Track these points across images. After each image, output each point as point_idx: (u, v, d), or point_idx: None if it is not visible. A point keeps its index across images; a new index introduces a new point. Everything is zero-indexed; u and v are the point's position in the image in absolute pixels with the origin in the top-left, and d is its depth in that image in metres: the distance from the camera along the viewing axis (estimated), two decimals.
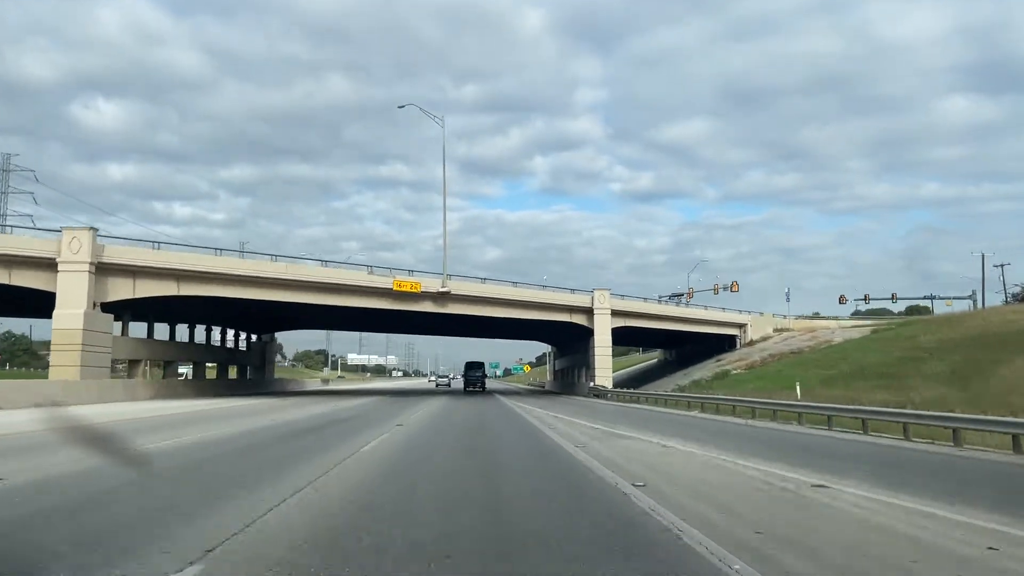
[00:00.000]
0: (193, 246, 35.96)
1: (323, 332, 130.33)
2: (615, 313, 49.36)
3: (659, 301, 63.32)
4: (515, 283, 46.60)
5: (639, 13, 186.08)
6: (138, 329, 39.13)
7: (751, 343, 60.12)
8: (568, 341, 63.44)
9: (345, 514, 6.58)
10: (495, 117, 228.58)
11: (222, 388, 45.95)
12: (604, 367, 48.63)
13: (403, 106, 45.81)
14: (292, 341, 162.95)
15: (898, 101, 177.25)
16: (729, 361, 54.99)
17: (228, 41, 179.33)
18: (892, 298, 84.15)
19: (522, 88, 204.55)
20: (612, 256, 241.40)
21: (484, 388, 61.08)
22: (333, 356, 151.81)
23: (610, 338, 48.86)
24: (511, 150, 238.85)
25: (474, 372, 62.19)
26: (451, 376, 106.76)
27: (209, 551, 4.94)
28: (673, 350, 79.01)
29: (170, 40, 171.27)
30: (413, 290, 41.26)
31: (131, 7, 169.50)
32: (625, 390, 44.48)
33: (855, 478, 9.17)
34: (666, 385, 51.44)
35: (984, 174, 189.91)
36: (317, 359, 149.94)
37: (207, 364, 49.64)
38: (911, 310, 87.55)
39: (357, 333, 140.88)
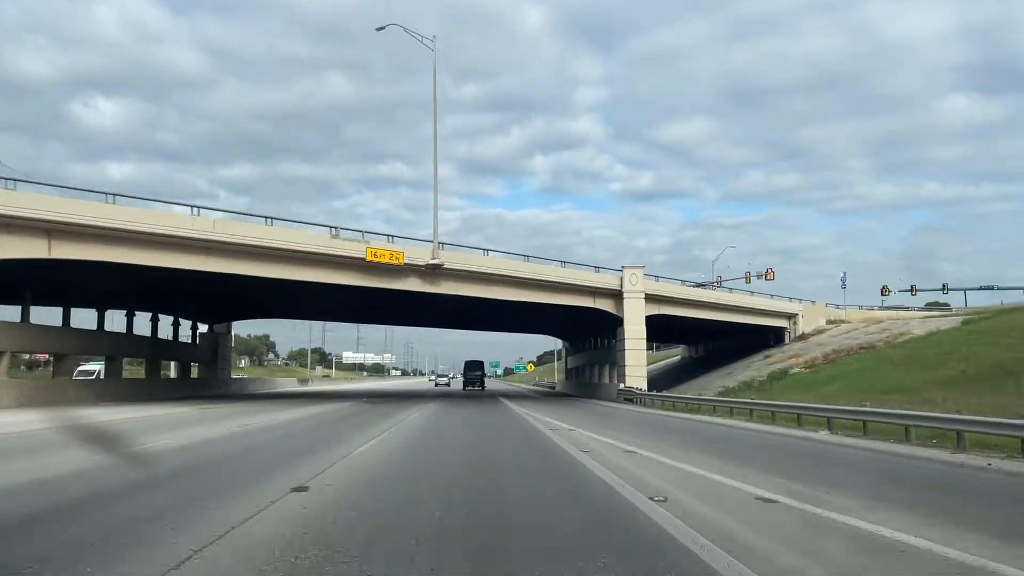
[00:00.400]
0: (75, 188, 25.34)
1: (319, 329, 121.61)
2: (648, 298, 39.44)
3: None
4: (527, 257, 36.39)
5: (640, 12, 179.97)
6: (10, 312, 28.71)
7: (803, 337, 50.60)
8: (586, 333, 53.48)
9: None
10: (495, 116, 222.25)
11: (146, 390, 35.21)
12: (636, 364, 38.96)
13: (382, 28, 35.57)
14: (288, 339, 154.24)
15: (899, 100, 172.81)
16: (780, 358, 45.60)
17: (228, 40, 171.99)
18: (943, 288, 76.47)
19: (523, 87, 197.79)
20: (612, 256, 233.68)
21: (483, 387, 61.30)
22: (329, 355, 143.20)
23: (644, 328, 38.90)
24: (511, 149, 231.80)
25: (473, 371, 62.69)
26: (451, 375, 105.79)
27: None
28: (699, 346, 69.23)
29: (169, 38, 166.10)
30: (393, 262, 31.03)
31: (130, 5, 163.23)
32: (668, 395, 34.29)
33: None
34: (703, 386, 41.94)
35: (984, 174, 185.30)
36: (313, 357, 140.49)
37: (135, 360, 39.11)
38: (930, 305, 79.13)
39: (355, 330, 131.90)
